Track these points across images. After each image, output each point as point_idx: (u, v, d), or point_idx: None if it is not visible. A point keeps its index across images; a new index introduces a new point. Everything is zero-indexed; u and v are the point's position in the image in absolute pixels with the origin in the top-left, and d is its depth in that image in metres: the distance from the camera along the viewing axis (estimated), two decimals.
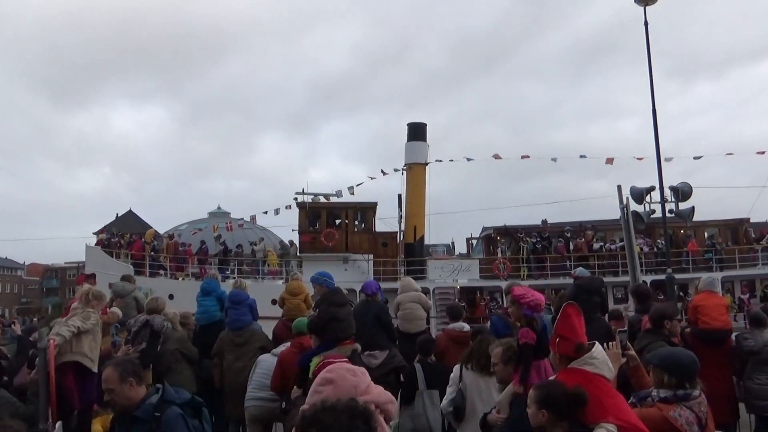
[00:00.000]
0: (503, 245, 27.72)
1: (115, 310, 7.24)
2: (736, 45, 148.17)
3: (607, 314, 6.85)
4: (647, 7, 16.31)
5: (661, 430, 3.73)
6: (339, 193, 29.23)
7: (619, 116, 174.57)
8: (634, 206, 8.37)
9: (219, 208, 45.04)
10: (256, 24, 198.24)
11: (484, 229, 28.97)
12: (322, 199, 28.98)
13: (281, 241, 30.48)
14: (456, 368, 5.73)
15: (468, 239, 30.77)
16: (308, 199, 28.62)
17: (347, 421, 2.10)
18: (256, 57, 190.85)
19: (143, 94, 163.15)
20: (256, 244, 28.76)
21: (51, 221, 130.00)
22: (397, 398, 6.32)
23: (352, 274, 26.10)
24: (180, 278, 25.52)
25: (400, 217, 28.56)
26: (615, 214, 29.08)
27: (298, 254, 27.97)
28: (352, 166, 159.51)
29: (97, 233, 27.11)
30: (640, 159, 26.55)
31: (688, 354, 4.24)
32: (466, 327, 7.10)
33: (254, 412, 6.86)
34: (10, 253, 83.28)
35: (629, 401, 3.93)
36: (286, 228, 31.03)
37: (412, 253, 27.99)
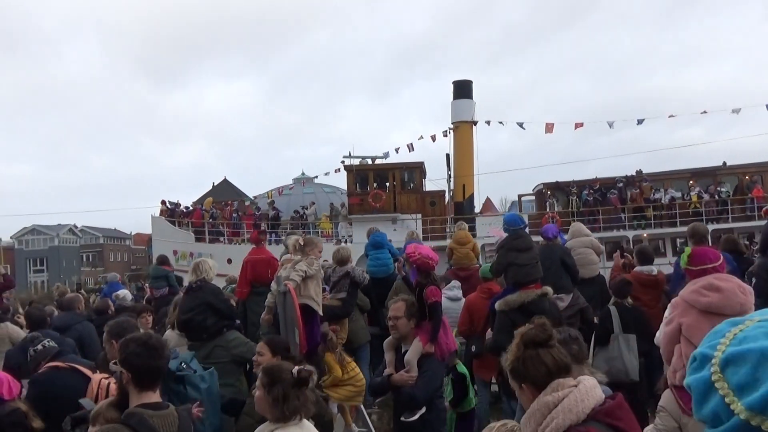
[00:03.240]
0: (552, 200, 27.80)
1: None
2: None
3: None
4: None
5: None
6: (386, 155, 29.41)
7: (714, 61, 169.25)
8: None
9: (303, 173, 45.14)
10: None
11: (537, 185, 29.11)
12: (370, 162, 29.17)
13: (331, 203, 30.76)
14: None
15: (519, 196, 30.88)
16: (355, 161, 28.85)
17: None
18: (338, 26, 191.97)
19: (234, 70, 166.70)
20: (307, 208, 29.04)
21: (152, 194, 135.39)
22: (590, 340, 6.54)
23: (401, 234, 26.36)
24: (236, 243, 25.95)
25: (449, 176, 28.76)
26: (710, 161, 28.26)
27: (347, 216, 28.34)
28: (432, 126, 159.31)
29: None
30: (704, 112, 26.25)
31: None
32: (655, 270, 7.24)
33: None
34: (118, 225, 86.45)
35: None
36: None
37: (461, 211, 28.23)
